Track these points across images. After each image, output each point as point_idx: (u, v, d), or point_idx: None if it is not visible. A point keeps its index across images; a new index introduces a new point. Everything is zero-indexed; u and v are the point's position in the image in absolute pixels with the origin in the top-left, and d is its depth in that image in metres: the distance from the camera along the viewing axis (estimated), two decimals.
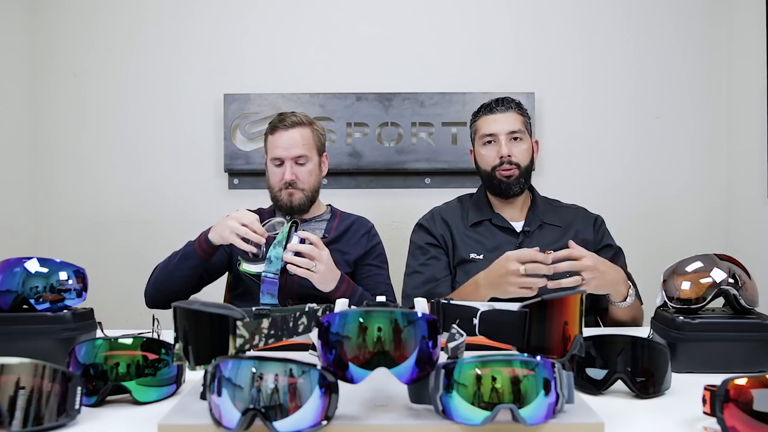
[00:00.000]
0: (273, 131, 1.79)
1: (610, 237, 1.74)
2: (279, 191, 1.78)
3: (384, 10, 2.52)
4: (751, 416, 0.71)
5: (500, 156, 1.68)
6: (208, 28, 2.53)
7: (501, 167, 1.68)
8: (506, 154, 1.67)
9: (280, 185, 1.78)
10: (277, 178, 1.79)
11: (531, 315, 0.84)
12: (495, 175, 1.69)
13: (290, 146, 1.76)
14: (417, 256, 1.73)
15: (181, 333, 0.82)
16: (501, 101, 1.72)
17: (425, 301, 0.97)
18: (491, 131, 1.70)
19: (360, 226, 1.88)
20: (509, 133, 1.68)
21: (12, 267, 1.12)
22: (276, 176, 1.79)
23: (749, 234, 2.33)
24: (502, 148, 1.68)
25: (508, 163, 1.67)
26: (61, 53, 2.53)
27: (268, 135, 1.81)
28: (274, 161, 1.78)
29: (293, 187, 1.77)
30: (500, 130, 1.69)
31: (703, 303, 1.11)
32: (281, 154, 1.76)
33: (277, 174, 1.79)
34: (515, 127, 1.69)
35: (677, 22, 2.49)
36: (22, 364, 0.78)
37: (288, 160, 1.76)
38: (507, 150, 1.67)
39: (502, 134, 1.68)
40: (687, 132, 2.50)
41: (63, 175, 2.54)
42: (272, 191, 1.81)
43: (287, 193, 1.78)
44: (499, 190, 1.71)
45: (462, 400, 0.73)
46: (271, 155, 1.79)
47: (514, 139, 1.69)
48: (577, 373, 0.96)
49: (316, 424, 0.71)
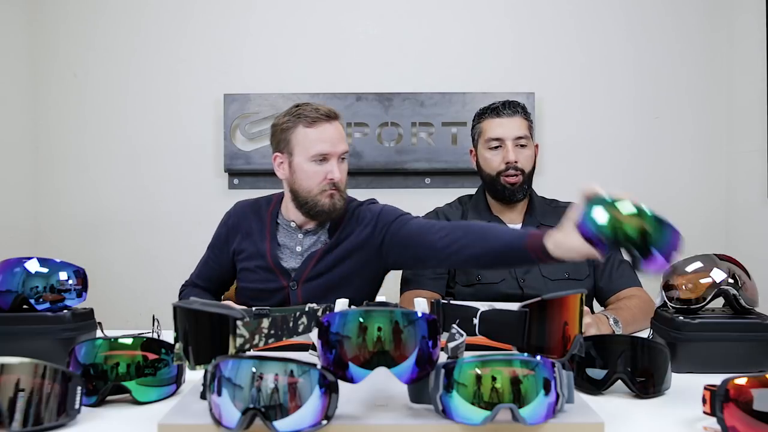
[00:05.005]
0: (312, 123, 1.50)
1: None
2: (320, 193, 1.52)
3: (384, 11, 2.52)
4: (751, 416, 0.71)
5: (506, 162, 1.66)
6: (208, 28, 2.52)
7: (506, 173, 1.67)
8: (513, 160, 1.66)
9: (322, 186, 1.51)
10: (319, 178, 1.51)
11: (531, 315, 0.84)
12: (499, 180, 1.68)
13: (336, 141, 1.52)
14: None
15: (181, 333, 0.82)
16: (508, 105, 1.70)
17: (425, 301, 0.97)
18: (498, 135, 1.68)
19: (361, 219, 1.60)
20: (516, 139, 1.67)
21: (12, 267, 1.12)
22: (318, 175, 1.51)
23: (749, 234, 2.33)
24: (509, 154, 1.66)
25: (513, 169, 1.66)
26: (61, 53, 2.53)
27: (299, 127, 1.51)
28: (315, 158, 1.50)
29: (337, 189, 1.53)
30: (507, 135, 1.67)
31: (702, 303, 1.11)
32: (328, 149, 1.50)
33: (319, 173, 1.51)
34: (522, 132, 1.68)
35: (678, 23, 2.49)
36: (22, 364, 0.78)
37: (334, 156, 1.51)
38: (514, 156, 1.66)
39: (509, 139, 1.67)
40: (687, 132, 2.50)
41: (63, 175, 2.54)
42: (309, 194, 1.52)
43: (329, 195, 1.52)
44: (502, 196, 1.70)
45: (462, 399, 0.73)
46: (314, 151, 1.50)
47: (520, 145, 1.68)
48: (577, 373, 0.96)
49: (316, 423, 0.71)
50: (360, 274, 1.58)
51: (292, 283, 1.57)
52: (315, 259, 1.56)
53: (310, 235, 1.60)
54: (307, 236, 1.60)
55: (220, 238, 1.69)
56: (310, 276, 1.56)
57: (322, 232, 1.60)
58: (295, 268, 1.57)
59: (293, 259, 1.59)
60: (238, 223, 1.66)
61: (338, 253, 1.56)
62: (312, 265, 1.56)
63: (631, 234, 0.98)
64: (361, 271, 1.58)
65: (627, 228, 0.98)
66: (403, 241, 1.51)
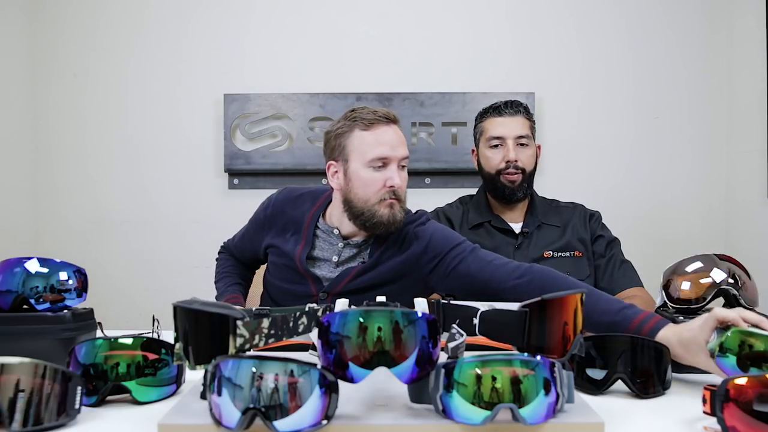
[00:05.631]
0: (368, 126, 1.37)
1: (604, 228, 1.74)
2: (378, 203, 1.37)
3: (384, 11, 2.52)
4: (751, 416, 0.71)
5: (507, 160, 1.67)
6: (208, 28, 2.53)
7: (506, 171, 1.68)
8: (513, 158, 1.67)
9: (381, 194, 1.37)
10: (378, 185, 1.37)
11: (531, 315, 0.84)
12: (499, 179, 1.69)
13: (396, 144, 1.38)
14: None
15: (181, 333, 0.82)
16: (510, 104, 1.71)
17: (425, 301, 0.97)
18: (499, 134, 1.69)
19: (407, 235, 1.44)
20: (517, 138, 1.68)
21: (12, 267, 1.12)
22: (376, 183, 1.37)
23: (749, 234, 2.33)
24: (509, 152, 1.67)
25: (513, 167, 1.68)
26: (61, 53, 2.53)
27: (356, 131, 1.38)
28: (373, 163, 1.36)
29: (397, 198, 1.39)
30: (508, 133, 1.68)
31: (702, 303, 1.11)
32: (387, 153, 1.36)
33: (377, 180, 1.37)
34: (523, 131, 1.69)
35: (677, 23, 2.49)
36: (22, 364, 0.78)
37: (394, 161, 1.38)
38: (514, 155, 1.67)
39: (510, 138, 1.68)
40: (687, 132, 2.50)
41: (63, 175, 2.54)
42: (365, 204, 1.38)
43: (389, 205, 1.38)
44: (502, 194, 1.70)
45: (462, 399, 0.73)
46: (372, 156, 1.36)
47: (521, 144, 1.69)
48: (577, 373, 0.96)
49: (316, 423, 0.71)
50: (400, 299, 1.29)
51: (323, 294, 1.45)
52: (352, 275, 1.43)
53: (351, 248, 1.46)
54: (347, 248, 1.47)
55: (258, 222, 1.59)
56: (344, 291, 1.43)
57: (365, 246, 1.46)
58: (329, 278, 1.45)
59: (327, 268, 1.47)
60: (275, 217, 1.54)
61: (378, 274, 1.43)
62: (348, 280, 1.44)
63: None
64: (401, 297, 1.29)
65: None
66: (461, 279, 1.37)
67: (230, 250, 1.70)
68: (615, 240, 1.72)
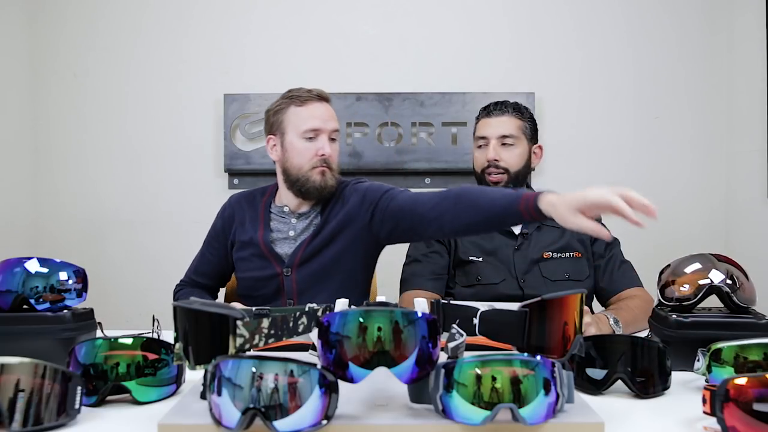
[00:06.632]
0: (302, 102, 1.54)
1: None
2: (311, 170, 1.54)
3: (384, 11, 2.52)
4: (751, 416, 0.71)
5: (488, 159, 1.68)
6: (208, 28, 2.53)
7: (488, 171, 1.69)
8: (492, 158, 1.67)
9: (313, 162, 1.53)
10: (309, 154, 1.53)
11: (531, 315, 0.84)
12: (484, 178, 1.70)
13: (327, 118, 1.55)
14: (419, 247, 1.72)
15: (181, 333, 0.82)
16: (499, 104, 1.72)
17: (425, 301, 0.97)
18: (483, 134, 1.71)
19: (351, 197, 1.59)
20: (499, 137, 1.69)
21: (12, 267, 1.12)
22: (308, 151, 1.53)
23: (749, 234, 2.33)
24: (490, 151, 1.68)
25: (494, 167, 1.68)
26: (61, 53, 2.53)
27: (291, 107, 1.55)
28: (305, 134, 1.53)
29: (327, 166, 1.55)
30: (491, 133, 1.69)
31: (693, 300, 1.11)
32: (318, 125, 1.53)
33: (309, 149, 1.53)
34: (507, 131, 1.69)
35: (677, 23, 2.49)
36: (22, 364, 0.78)
37: (325, 132, 1.54)
38: (494, 154, 1.67)
39: (493, 138, 1.69)
40: (687, 132, 2.50)
41: (63, 175, 2.54)
42: (299, 171, 1.54)
43: (320, 172, 1.54)
44: None
45: (462, 399, 0.73)
46: (305, 127, 1.53)
47: (504, 143, 1.69)
48: (577, 373, 0.96)
49: (316, 423, 0.71)
50: (350, 251, 1.57)
51: (286, 270, 1.57)
52: (306, 242, 1.57)
53: (303, 219, 1.61)
54: (300, 220, 1.61)
55: (217, 230, 1.70)
56: (302, 260, 1.56)
57: (314, 215, 1.60)
58: (289, 253, 1.58)
59: (287, 245, 1.60)
60: (233, 214, 1.67)
61: (326, 234, 1.56)
62: (304, 248, 1.56)
63: None
64: (351, 248, 1.57)
65: None
66: (393, 214, 1.49)
67: (190, 280, 1.72)
68: (615, 240, 1.72)
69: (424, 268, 1.67)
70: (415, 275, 1.66)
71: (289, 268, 1.57)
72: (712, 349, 0.93)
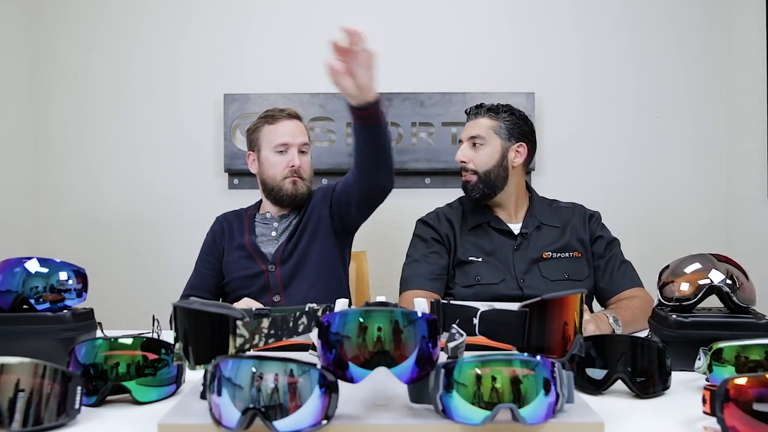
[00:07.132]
0: (273, 121, 1.78)
1: (603, 229, 1.73)
2: (283, 180, 1.76)
3: (384, 10, 2.52)
4: (751, 416, 0.71)
5: (456, 160, 1.75)
6: (208, 28, 2.53)
7: (461, 172, 1.74)
8: (458, 158, 1.74)
9: (285, 173, 1.76)
10: (281, 166, 1.76)
11: (531, 315, 0.84)
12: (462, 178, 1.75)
13: (296, 133, 1.77)
14: (420, 248, 1.72)
15: (181, 333, 0.82)
16: (475, 107, 1.76)
17: (425, 301, 0.97)
18: (460, 137, 1.77)
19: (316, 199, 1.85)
20: (469, 139, 1.73)
21: (12, 267, 1.12)
22: (281, 164, 1.76)
23: (749, 234, 2.33)
24: (458, 153, 1.74)
25: (463, 169, 1.73)
26: (61, 53, 2.53)
27: (265, 126, 1.79)
28: (276, 148, 1.76)
29: (298, 176, 1.77)
30: (464, 136, 1.75)
31: (693, 300, 1.11)
32: (287, 140, 1.76)
33: (281, 162, 1.76)
34: (476, 132, 1.71)
35: (678, 23, 2.49)
36: (22, 364, 0.78)
37: (294, 146, 1.76)
38: (461, 155, 1.73)
39: (465, 139, 1.74)
40: (687, 132, 2.50)
41: (63, 175, 2.54)
42: (273, 182, 1.77)
43: (292, 182, 1.76)
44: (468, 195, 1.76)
45: (462, 399, 0.73)
46: (276, 142, 1.76)
47: (474, 144, 1.71)
48: (577, 373, 0.96)
49: (316, 423, 0.71)
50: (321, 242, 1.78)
51: (271, 266, 1.75)
52: (286, 241, 1.77)
53: (284, 222, 1.82)
54: (281, 223, 1.82)
55: (209, 244, 1.84)
56: (284, 256, 1.75)
57: (293, 217, 1.82)
58: (272, 252, 1.77)
59: (271, 245, 1.79)
60: (222, 227, 1.85)
61: (302, 231, 1.78)
62: (285, 244, 1.76)
63: None
64: (322, 239, 1.78)
65: None
66: (338, 197, 1.77)
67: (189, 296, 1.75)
68: (615, 240, 1.72)
69: (423, 268, 1.67)
70: (414, 275, 1.66)
71: (274, 265, 1.75)
72: (713, 348, 0.93)
